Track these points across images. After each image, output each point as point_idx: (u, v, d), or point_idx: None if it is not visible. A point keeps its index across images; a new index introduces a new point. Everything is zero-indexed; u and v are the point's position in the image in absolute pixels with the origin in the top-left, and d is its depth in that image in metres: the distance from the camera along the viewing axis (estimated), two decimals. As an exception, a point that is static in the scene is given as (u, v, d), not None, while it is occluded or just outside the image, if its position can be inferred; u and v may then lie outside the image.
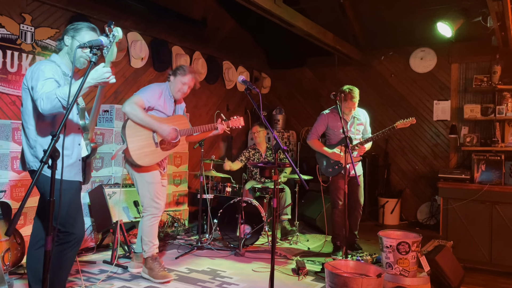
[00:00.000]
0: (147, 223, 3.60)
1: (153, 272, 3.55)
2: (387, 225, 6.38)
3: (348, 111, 4.46)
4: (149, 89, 3.60)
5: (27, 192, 1.79)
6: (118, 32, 2.30)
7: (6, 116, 4.07)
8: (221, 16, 6.75)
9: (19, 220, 3.80)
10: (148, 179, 3.58)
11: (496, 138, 5.56)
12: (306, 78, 7.72)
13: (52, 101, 2.32)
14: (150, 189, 3.58)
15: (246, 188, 5.30)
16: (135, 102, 3.46)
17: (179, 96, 3.73)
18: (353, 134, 4.50)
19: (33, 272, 2.61)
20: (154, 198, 3.59)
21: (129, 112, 3.44)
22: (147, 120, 3.47)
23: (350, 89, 4.38)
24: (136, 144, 3.48)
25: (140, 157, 3.48)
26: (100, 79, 2.33)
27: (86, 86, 2.30)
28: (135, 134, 3.48)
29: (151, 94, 3.56)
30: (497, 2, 3.93)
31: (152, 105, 3.56)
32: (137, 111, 3.44)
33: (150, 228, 3.60)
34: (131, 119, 3.47)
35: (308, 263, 4.20)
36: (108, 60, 2.36)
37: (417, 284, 3.32)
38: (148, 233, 3.60)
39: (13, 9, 4.10)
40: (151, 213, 3.59)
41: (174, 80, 3.68)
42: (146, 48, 5.40)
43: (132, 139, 3.47)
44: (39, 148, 2.49)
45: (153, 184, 3.59)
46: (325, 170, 4.51)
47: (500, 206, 4.49)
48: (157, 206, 3.61)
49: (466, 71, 6.26)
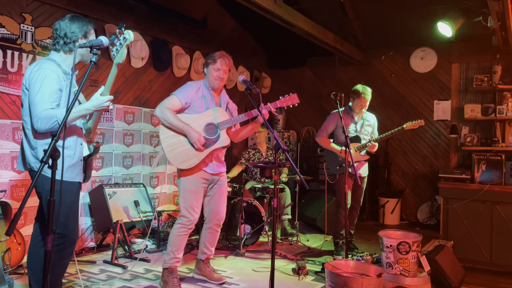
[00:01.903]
0: (175, 231, 3.38)
1: (167, 287, 3.34)
2: (388, 225, 6.37)
3: (359, 110, 4.49)
4: (186, 87, 3.45)
5: (28, 192, 1.78)
6: (130, 35, 2.30)
7: (6, 116, 4.07)
8: (222, 16, 6.75)
9: (19, 220, 3.80)
10: (186, 186, 3.37)
11: (497, 138, 5.56)
12: (306, 78, 7.72)
13: (51, 124, 2.34)
14: (186, 197, 3.36)
15: (247, 188, 5.30)
16: (166, 105, 3.31)
17: (218, 84, 3.45)
18: (362, 134, 4.53)
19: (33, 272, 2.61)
20: (188, 208, 3.35)
21: (160, 116, 3.31)
22: (176, 124, 3.28)
23: (363, 87, 4.47)
24: (173, 147, 3.31)
25: (177, 159, 3.29)
26: (100, 107, 2.41)
27: (86, 112, 2.43)
28: (168, 136, 3.32)
29: (187, 91, 3.40)
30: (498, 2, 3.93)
31: (189, 101, 3.37)
32: (167, 115, 3.28)
33: (176, 238, 3.37)
34: (162, 123, 3.33)
35: (308, 263, 4.20)
36: (117, 62, 2.37)
37: (418, 284, 3.32)
38: (173, 242, 3.37)
39: (13, 9, 4.10)
40: (181, 222, 3.36)
41: (208, 71, 3.47)
42: (147, 48, 5.40)
43: (167, 142, 3.32)
44: (40, 149, 2.47)
45: (191, 192, 3.36)
46: (333, 168, 4.52)
47: (501, 206, 4.49)
48: (189, 217, 3.36)
49: (466, 71, 6.26)
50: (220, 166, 3.53)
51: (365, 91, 4.42)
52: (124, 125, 4.87)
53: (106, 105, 2.40)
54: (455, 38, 5.68)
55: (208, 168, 3.41)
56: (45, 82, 2.41)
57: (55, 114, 2.34)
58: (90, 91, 4.57)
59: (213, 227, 3.60)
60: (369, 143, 4.37)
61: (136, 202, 4.48)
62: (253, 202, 4.67)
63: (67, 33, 2.54)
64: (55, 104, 2.42)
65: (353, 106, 4.51)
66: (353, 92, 4.46)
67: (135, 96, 5.44)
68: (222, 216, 3.60)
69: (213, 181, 3.49)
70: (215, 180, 3.50)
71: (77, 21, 2.58)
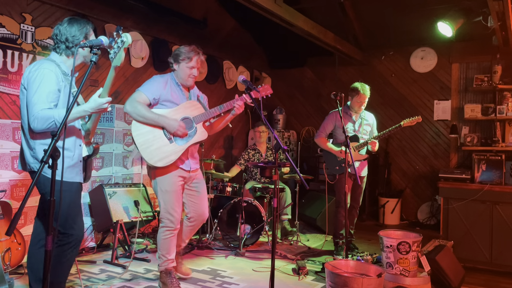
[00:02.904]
0: (161, 235, 3.29)
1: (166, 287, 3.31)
2: (388, 225, 6.37)
3: (359, 107, 4.49)
4: (151, 81, 3.28)
5: (28, 192, 1.78)
6: (127, 38, 2.30)
7: (6, 115, 4.07)
8: (222, 16, 6.75)
9: (20, 220, 3.81)
10: (164, 186, 3.23)
11: (497, 138, 5.56)
12: (306, 78, 7.71)
13: (48, 124, 2.34)
14: (166, 199, 3.23)
15: (247, 188, 5.30)
16: (137, 99, 3.14)
17: (191, 82, 3.36)
18: (360, 134, 4.53)
19: (33, 272, 2.61)
20: (168, 209, 3.24)
21: (131, 112, 3.13)
22: (151, 117, 3.12)
23: (361, 84, 4.49)
24: (146, 143, 3.14)
25: (153, 157, 3.13)
26: (98, 109, 2.42)
27: (84, 114, 2.44)
28: (142, 133, 3.15)
29: (153, 86, 3.23)
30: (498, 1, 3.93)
31: (156, 97, 3.21)
32: (139, 109, 3.11)
33: (164, 242, 3.29)
34: (134, 118, 3.15)
35: (308, 262, 4.20)
36: (115, 65, 2.38)
37: (418, 284, 3.32)
38: (162, 246, 3.30)
39: (13, 9, 4.10)
40: (165, 225, 3.27)
41: (179, 67, 3.32)
42: (147, 47, 5.40)
43: (141, 139, 3.14)
44: (39, 149, 2.47)
45: (170, 193, 3.23)
46: (332, 168, 4.52)
47: (501, 206, 4.49)
48: (171, 219, 3.25)
49: (466, 70, 6.26)
50: (195, 163, 3.42)
51: (363, 87, 4.43)
52: (124, 125, 4.87)
53: (104, 107, 2.41)
54: (455, 38, 5.68)
55: (185, 165, 3.30)
56: (43, 82, 2.41)
57: (53, 115, 2.34)
58: (90, 91, 4.57)
59: (197, 225, 3.56)
60: (369, 140, 4.38)
61: (136, 202, 4.48)
62: (253, 202, 4.67)
63: (68, 37, 2.55)
64: (53, 105, 2.42)
65: (352, 104, 4.51)
66: (352, 90, 4.47)
67: (135, 96, 5.44)
68: (206, 215, 3.54)
69: (189, 179, 3.39)
70: (192, 177, 3.40)
71: (76, 23, 2.57)
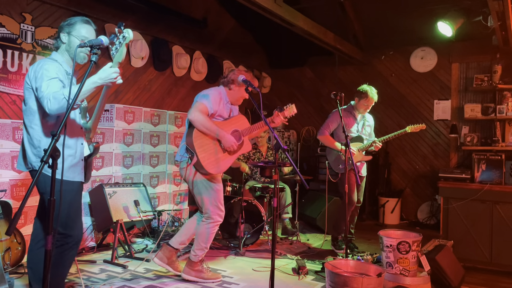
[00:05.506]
0: (209, 230, 3.53)
1: (203, 274, 3.58)
2: (388, 224, 6.38)
3: (364, 110, 4.52)
4: (213, 96, 3.49)
5: (28, 192, 1.78)
6: (129, 34, 2.30)
7: (6, 115, 4.07)
8: (222, 16, 6.75)
9: (20, 219, 3.81)
10: (215, 186, 3.53)
11: (497, 137, 5.57)
12: (306, 78, 7.72)
13: (60, 101, 2.29)
14: (216, 197, 3.53)
15: (247, 187, 5.30)
16: (200, 109, 3.38)
17: (238, 103, 3.71)
18: (363, 134, 4.55)
19: (33, 272, 2.61)
20: (218, 205, 3.54)
21: (196, 120, 3.35)
22: (213, 129, 3.40)
23: (370, 87, 4.48)
24: (207, 153, 3.42)
25: (213, 166, 3.43)
26: (108, 79, 2.32)
27: (94, 86, 2.31)
28: (203, 144, 3.41)
29: (215, 102, 3.48)
30: (498, 1, 3.93)
31: (214, 111, 3.48)
32: (203, 119, 3.36)
33: (211, 236, 3.56)
34: (197, 127, 3.37)
35: (308, 262, 4.21)
36: (116, 61, 2.36)
37: (418, 283, 3.32)
38: (207, 239, 3.56)
39: (13, 9, 4.10)
40: (215, 220, 3.53)
41: (238, 89, 3.57)
42: (147, 47, 5.40)
43: (202, 149, 3.40)
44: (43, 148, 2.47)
45: (218, 191, 3.55)
46: (335, 166, 4.52)
47: (501, 205, 4.49)
48: (221, 214, 3.58)
49: (466, 70, 6.26)
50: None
51: (372, 92, 4.44)
52: (124, 124, 4.87)
53: (113, 77, 2.32)
54: (455, 37, 5.68)
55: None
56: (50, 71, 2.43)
57: (62, 92, 2.31)
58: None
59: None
60: (375, 143, 4.41)
61: (136, 202, 4.48)
62: (253, 201, 4.67)
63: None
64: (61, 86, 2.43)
65: (357, 106, 4.51)
66: (360, 92, 4.46)
67: (135, 96, 5.45)
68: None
69: None
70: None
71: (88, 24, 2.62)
